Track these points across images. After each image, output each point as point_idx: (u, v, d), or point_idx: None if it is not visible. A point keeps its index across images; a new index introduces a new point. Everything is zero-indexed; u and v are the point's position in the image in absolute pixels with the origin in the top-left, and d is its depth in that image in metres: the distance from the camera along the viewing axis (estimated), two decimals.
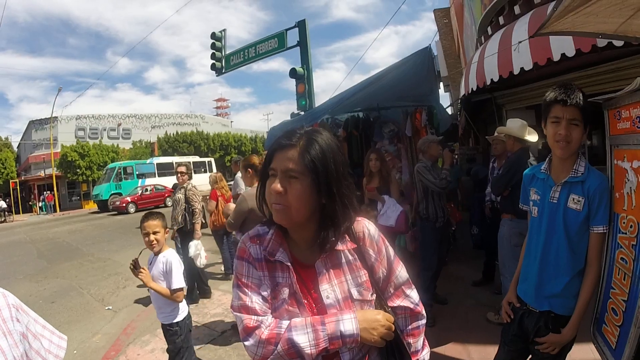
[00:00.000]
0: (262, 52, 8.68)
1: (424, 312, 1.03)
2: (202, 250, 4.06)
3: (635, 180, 1.33)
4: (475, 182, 4.94)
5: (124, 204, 17.61)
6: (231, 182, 5.63)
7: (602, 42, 3.47)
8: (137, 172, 21.90)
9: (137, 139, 33.08)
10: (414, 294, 1.02)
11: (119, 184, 20.91)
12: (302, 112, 6.82)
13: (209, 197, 5.25)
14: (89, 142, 27.77)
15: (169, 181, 18.34)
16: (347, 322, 0.84)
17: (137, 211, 17.26)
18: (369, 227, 0.98)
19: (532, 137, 3.01)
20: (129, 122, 36.58)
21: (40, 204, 25.38)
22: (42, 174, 27.17)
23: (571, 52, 3.72)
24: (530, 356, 1.56)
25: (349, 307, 0.89)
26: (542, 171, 1.51)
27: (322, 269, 0.90)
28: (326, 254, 0.91)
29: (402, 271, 1.00)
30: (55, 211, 24.34)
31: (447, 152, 3.65)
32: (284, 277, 0.90)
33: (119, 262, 6.91)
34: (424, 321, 1.03)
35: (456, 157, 8.91)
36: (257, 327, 0.85)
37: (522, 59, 4.20)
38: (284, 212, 0.84)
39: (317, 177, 0.83)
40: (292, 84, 7.61)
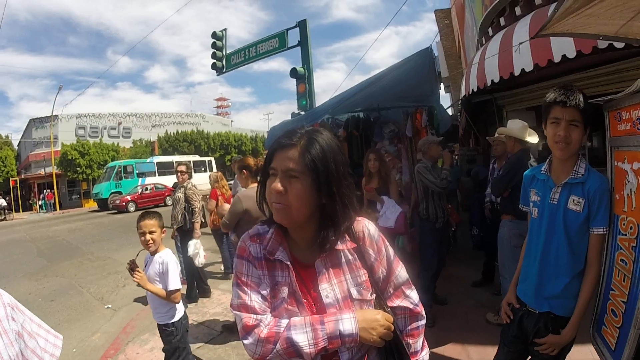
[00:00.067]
0: (262, 52, 8.67)
1: (423, 312, 1.03)
2: (201, 249, 4.06)
3: (635, 181, 1.33)
4: (475, 183, 4.94)
5: (124, 203, 17.66)
6: (231, 182, 5.64)
7: (603, 44, 3.47)
8: (137, 171, 21.89)
9: (137, 138, 33.06)
10: (414, 295, 1.02)
11: (119, 183, 20.92)
12: (303, 112, 6.83)
13: (209, 196, 5.25)
14: (89, 140, 27.75)
15: (169, 180, 18.40)
16: (347, 322, 0.84)
17: (137, 210, 17.27)
18: (368, 226, 0.98)
19: (533, 139, 3.01)
20: (129, 120, 36.59)
21: (40, 202, 25.36)
22: (42, 172, 27.21)
23: (572, 54, 3.71)
24: (529, 357, 1.56)
25: (349, 307, 0.89)
26: (542, 172, 1.52)
27: (321, 269, 0.90)
28: (326, 254, 0.91)
29: (401, 271, 1.00)
30: (55, 209, 24.32)
31: (446, 152, 3.64)
32: (284, 276, 0.90)
33: (119, 261, 6.90)
34: (424, 322, 1.03)
35: (456, 158, 8.91)
36: (256, 326, 0.85)
37: (523, 60, 4.20)
38: (284, 211, 0.84)
39: (318, 177, 0.83)
40: (292, 83, 7.63)
